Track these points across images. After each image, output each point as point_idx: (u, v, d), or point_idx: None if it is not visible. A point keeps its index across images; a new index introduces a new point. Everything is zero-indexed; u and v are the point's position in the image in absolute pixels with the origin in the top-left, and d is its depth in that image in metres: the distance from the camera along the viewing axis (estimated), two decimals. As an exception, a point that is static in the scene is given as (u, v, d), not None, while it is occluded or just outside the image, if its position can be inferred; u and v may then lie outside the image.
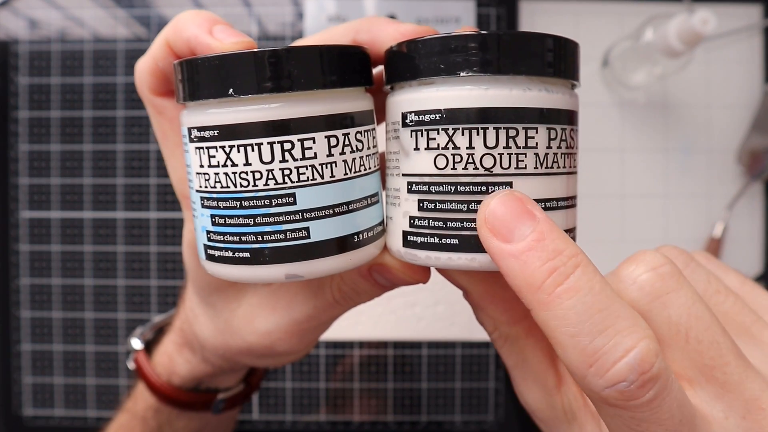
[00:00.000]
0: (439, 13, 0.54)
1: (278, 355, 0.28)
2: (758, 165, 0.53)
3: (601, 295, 0.17)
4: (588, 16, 0.54)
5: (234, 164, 0.20)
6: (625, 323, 0.16)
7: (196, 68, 0.20)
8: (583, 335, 0.16)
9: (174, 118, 0.25)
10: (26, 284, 0.54)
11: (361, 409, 0.54)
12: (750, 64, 0.54)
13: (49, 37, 0.54)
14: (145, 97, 0.25)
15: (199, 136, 0.20)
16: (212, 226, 0.21)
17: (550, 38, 0.20)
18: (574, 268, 0.17)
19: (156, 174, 0.54)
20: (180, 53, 0.22)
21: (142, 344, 0.34)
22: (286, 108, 0.19)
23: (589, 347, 0.16)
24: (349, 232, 0.21)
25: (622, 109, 0.54)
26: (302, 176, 0.20)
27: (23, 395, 0.54)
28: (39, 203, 0.54)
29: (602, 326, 0.16)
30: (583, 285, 0.17)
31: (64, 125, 0.54)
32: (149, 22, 0.54)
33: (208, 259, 0.21)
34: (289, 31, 0.54)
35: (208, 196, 0.20)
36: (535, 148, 0.19)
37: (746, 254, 0.55)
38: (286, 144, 0.19)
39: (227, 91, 0.19)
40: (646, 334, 0.16)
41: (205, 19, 0.21)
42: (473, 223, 0.20)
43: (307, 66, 0.19)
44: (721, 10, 0.52)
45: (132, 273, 0.54)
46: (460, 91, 0.19)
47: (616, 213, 0.54)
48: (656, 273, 0.19)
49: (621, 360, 0.16)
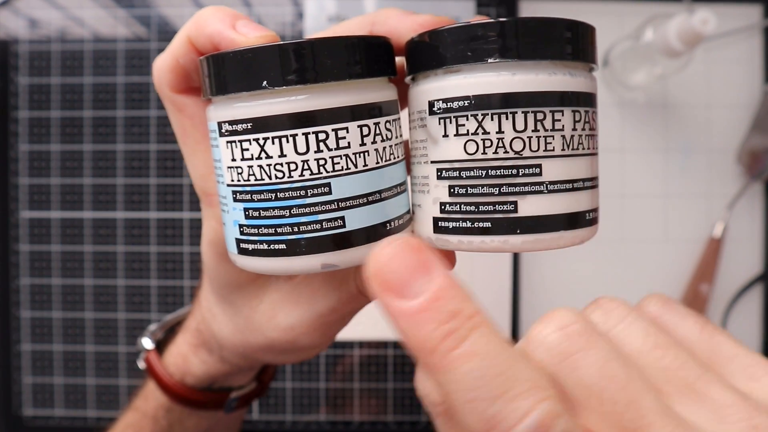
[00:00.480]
0: (439, 13, 0.53)
1: (300, 350, 0.28)
2: (758, 165, 0.53)
3: (500, 358, 0.16)
4: (588, 16, 0.54)
5: (269, 156, 0.20)
6: (525, 386, 0.16)
7: (226, 62, 0.20)
8: (480, 400, 0.15)
9: (195, 115, 0.24)
10: (26, 284, 0.54)
11: (361, 409, 0.54)
12: (750, 64, 0.54)
13: (49, 37, 0.54)
14: (164, 94, 0.24)
15: (230, 130, 0.20)
16: (246, 219, 0.21)
17: (570, 23, 0.20)
18: (470, 331, 0.16)
19: (156, 174, 0.54)
20: (202, 49, 0.22)
21: (153, 344, 0.34)
22: (318, 99, 0.19)
23: (487, 412, 0.15)
24: (382, 220, 0.21)
25: (622, 109, 0.54)
26: (337, 166, 0.20)
27: (23, 395, 0.54)
28: (39, 203, 0.54)
29: (500, 390, 0.15)
30: (480, 349, 0.16)
31: (64, 125, 0.54)
32: (149, 22, 0.54)
33: (240, 253, 0.21)
34: (289, 31, 0.54)
35: (241, 189, 0.20)
36: (562, 130, 0.20)
37: (746, 254, 0.55)
38: (321, 134, 0.19)
39: (260, 84, 0.19)
40: (547, 395, 0.16)
41: (227, 14, 0.21)
42: (505, 206, 0.20)
43: (338, 57, 0.20)
44: (721, 10, 0.52)
45: (132, 273, 0.54)
46: (488, 77, 0.20)
47: (616, 213, 0.54)
48: (564, 333, 0.18)
49: (519, 424, 0.15)
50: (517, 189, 0.20)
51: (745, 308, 0.55)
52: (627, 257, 0.54)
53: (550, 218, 0.20)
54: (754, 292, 0.55)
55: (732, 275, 0.54)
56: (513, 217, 0.20)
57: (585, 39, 0.21)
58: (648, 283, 0.54)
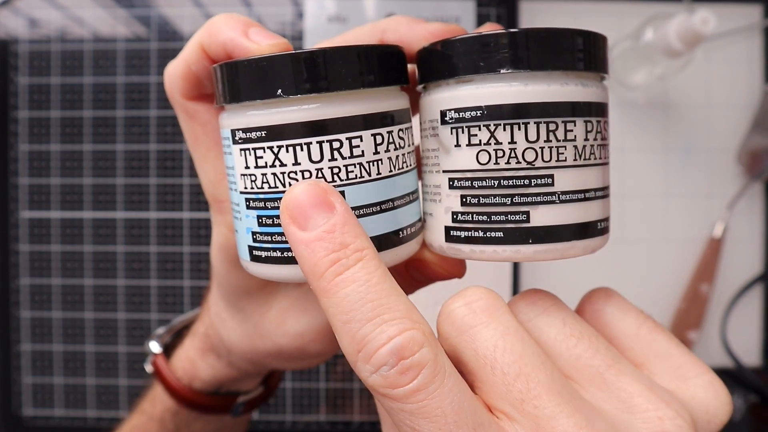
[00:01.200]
0: (439, 13, 0.54)
1: (308, 357, 0.28)
2: (758, 165, 0.53)
3: (377, 288, 0.18)
4: (588, 16, 0.54)
5: (283, 164, 0.20)
6: (396, 314, 0.17)
7: (239, 70, 0.20)
8: (354, 322, 0.17)
9: (206, 122, 0.24)
10: (26, 284, 0.54)
11: (361, 409, 0.54)
12: (750, 64, 0.54)
13: (49, 37, 0.54)
14: (176, 101, 0.25)
15: (244, 138, 0.20)
16: (259, 227, 0.21)
17: (582, 33, 0.20)
18: (356, 261, 0.18)
19: (156, 174, 0.54)
20: (215, 57, 0.22)
21: (160, 348, 0.34)
22: (332, 107, 0.20)
23: (358, 333, 0.17)
24: (394, 228, 0.21)
25: (622, 109, 0.54)
26: (351, 174, 0.20)
27: (23, 395, 0.54)
28: (39, 203, 0.54)
29: (371, 315, 0.17)
30: (360, 277, 0.18)
31: (64, 125, 0.54)
32: (149, 22, 0.54)
33: (253, 260, 0.22)
34: (289, 31, 0.54)
35: (255, 197, 0.21)
36: (574, 140, 0.20)
37: (746, 254, 0.55)
38: (335, 143, 0.20)
39: (275, 92, 0.19)
40: (416, 326, 0.17)
41: (240, 21, 0.22)
42: (518, 216, 0.20)
43: (351, 66, 0.20)
44: (721, 10, 0.52)
45: (132, 273, 0.54)
46: (500, 87, 0.20)
47: (616, 213, 0.54)
48: (468, 307, 0.19)
49: (383, 346, 0.17)
50: (530, 199, 0.20)
51: (745, 308, 0.55)
52: (627, 257, 0.54)
53: (562, 228, 0.20)
54: (754, 292, 0.55)
55: (732, 275, 0.54)
56: (525, 227, 0.20)
57: (596, 49, 0.21)
58: (648, 283, 0.54)
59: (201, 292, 0.54)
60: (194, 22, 0.54)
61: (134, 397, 0.54)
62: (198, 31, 0.23)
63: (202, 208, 0.54)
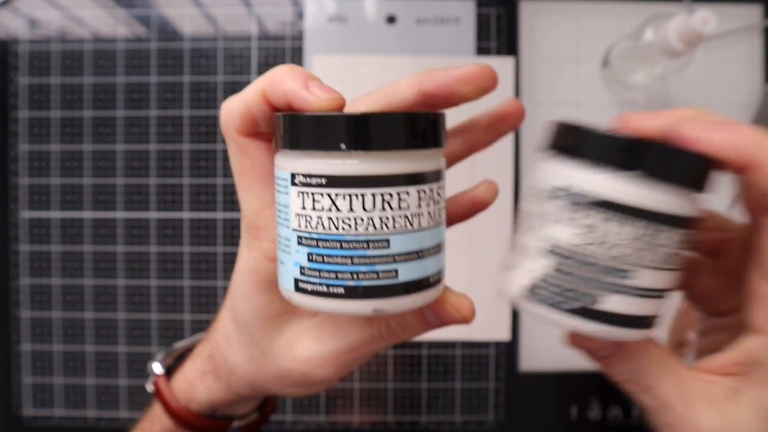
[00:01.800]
0: (439, 13, 0.54)
1: (311, 383, 0.29)
2: (758, 165, 0.53)
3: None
4: (588, 16, 0.54)
5: (338, 209, 0.22)
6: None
7: (301, 123, 0.23)
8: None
9: (256, 157, 0.26)
10: (26, 284, 0.54)
11: (361, 409, 0.54)
12: (750, 64, 0.54)
13: (49, 37, 0.54)
14: (230, 135, 0.26)
15: (304, 182, 0.22)
16: (308, 262, 0.23)
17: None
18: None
19: (156, 174, 0.54)
20: (275, 103, 0.25)
21: (162, 369, 0.35)
22: (386, 164, 0.22)
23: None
24: (424, 275, 0.23)
25: (622, 109, 0.54)
26: (397, 224, 0.22)
27: (23, 395, 0.54)
28: (39, 203, 0.54)
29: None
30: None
31: (64, 125, 0.54)
32: (149, 22, 0.54)
33: (298, 291, 0.24)
34: (289, 31, 0.54)
35: (308, 236, 0.23)
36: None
37: (746, 254, 0.54)
38: (387, 195, 0.22)
39: (338, 146, 0.22)
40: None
41: (301, 74, 0.24)
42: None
43: (408, 129, 0.23)
44: (721, 10, 0.52)
45: (132, 273, 0.54)
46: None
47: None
48: None
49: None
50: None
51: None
52: (627, 257, 0.54)
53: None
54: (754, 292, 0.54)
55: (732, 275, 0.54)
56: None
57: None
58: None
59: (201, 292, 0.54)
60: (194, 22, 0.54)
61: (134, 397, 0.54)
62: (261, 77, 0.25)
63: (202, 208, 0.54)
